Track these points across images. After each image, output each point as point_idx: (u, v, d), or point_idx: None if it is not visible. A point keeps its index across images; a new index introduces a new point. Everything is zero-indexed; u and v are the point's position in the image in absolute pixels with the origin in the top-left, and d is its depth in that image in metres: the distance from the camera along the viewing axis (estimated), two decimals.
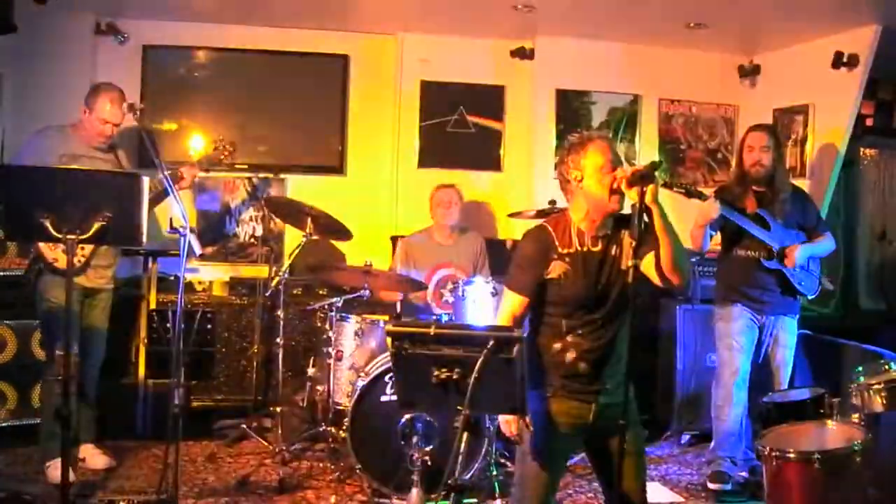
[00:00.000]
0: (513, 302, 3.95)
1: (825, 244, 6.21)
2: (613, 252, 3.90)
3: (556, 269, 3.88)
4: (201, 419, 6.88)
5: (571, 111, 8.24)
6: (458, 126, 8.30)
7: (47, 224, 4.35)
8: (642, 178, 3.67)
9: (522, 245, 4.05)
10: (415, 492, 5.09)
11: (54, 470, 5.60)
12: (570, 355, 3.88)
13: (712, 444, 6.22)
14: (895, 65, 7.33)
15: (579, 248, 3.91)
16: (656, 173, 3.70)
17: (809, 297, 6.17)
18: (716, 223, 6.04)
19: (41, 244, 5.61)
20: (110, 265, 6.06)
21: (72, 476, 5.69)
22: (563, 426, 3.89)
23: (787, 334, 6.13)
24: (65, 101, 6.51)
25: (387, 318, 6.41)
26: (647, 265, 3.83)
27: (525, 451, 3.95)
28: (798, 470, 4.22)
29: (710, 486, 6.03)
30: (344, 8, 7.46)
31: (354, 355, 6.20)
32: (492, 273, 6.73)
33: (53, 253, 5.61)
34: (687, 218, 5.88)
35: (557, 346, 3.90)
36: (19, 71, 7.35)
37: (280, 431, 6.50)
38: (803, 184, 7.15)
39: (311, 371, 6.51)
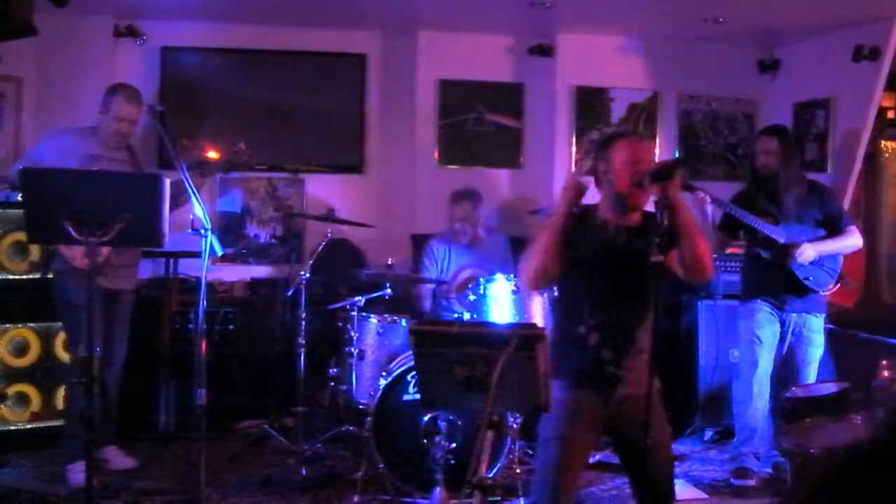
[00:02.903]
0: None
1: (844, 241, 6.06)
2: (638, 244, 3.95)
3: (581, 244, 3.96)
4: (223, 420, 6.89)
5: (591, 108, 8.22)
6: (478, 124, 8.29)
7: (68, 227, 4.37)
8: (664, 175, 3.69)
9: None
10: (438, 490, 5.09)
11: (74, 474, 5.63)
12: (593, 340, 3.92)
13: (735, 440, 6.22)
14: None
15: (603, 235, 3.99)
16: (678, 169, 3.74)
17: (822, 293, 6.11)
18: (725, 224, 6.16)
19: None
20: (131, 266, 6.08)
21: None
22: (582, 416, 3.90)
23: (811, 333, 6.07)
24: (85, 104, 6.52)
25: (408, 316, 6.41)
26: (672, 260, 3.90)
27: (544, 440, 3.97)
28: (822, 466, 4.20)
29: (734, 482, 6.02)
30: (362, 7, 7.47)
31: (376, 354, 6.20)
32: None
33: (72, 251, 5.63)
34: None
35: (581, 330, 3.94)
36: (39, 74, 7.40)
37: (302, 431, 6.51)
38: (821, 179, 7.14)
39: (333, 370, 6.51)
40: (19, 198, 5.85)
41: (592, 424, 3.97)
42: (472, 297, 6.15)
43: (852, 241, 6.10)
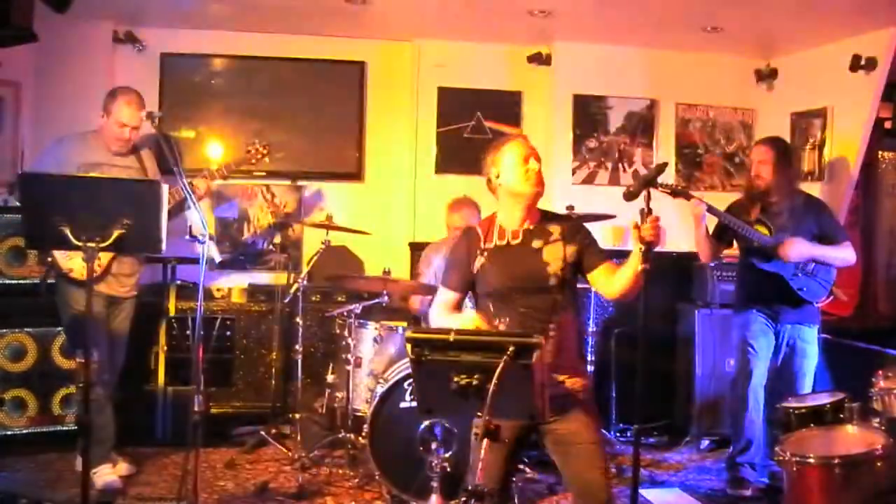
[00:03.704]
0: (446, 297, 4.24)
1: (839, 252, 6.06)
2: (536, 245, 4.06)
3: (477, 263, 4.10)
4: (220, 426, 6.89)
5: (588, 116, 8.23)
6: (476, 132, 8.29)
7: (66, 232, 4.37)
8: (649, 181, 3.75)
9: (453, 247, 4.35)
10: (434, 498, 5.09)
11: (100, 477, 5.65)
12: None
13: (731, 449, 6.22)
14: None
15: (499, 243, 4.11)
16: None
17: (815, 304, 6.11)
18: (719, 233, 6.18)
19: (56, 253, 5.62)
20: (134, 273, 6.04)
21: (119, 482, 5.75)
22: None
23: (805, 344, 6.08)
24: (84, 110, 6.53)
25: (405, 324, 6.41)
26: (598, 274, 4.04)
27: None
28: (818, 475, 4.21)
29: (730, 491, 6.04)
30: (361, 15, 7.46)
31: (373, 362, 6.20)
32: None
33: (69, 263, 5.63)
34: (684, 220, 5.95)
35: None
36: (39, 80, 7.41)
37: (299, 438, 6.51)
38: (818, 188, 7.17)
39: (329, 378, 6.51)
40: (17, 203, 5.87)
41: (516, 429, 3.93)
42: (469, 305, 6.16)
43: (845, 253, 6.09)
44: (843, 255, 6.09)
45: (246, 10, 7.39)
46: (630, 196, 3.97)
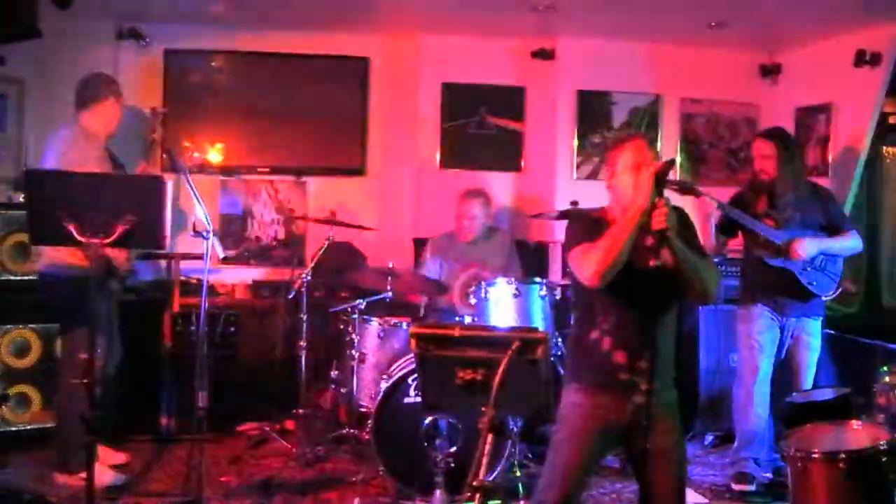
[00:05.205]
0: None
1: (845, 242, 6.05)
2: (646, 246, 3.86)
3: None
4: (225, 422, 6.89)
5: (592, 112, 8.23)
6: (480, 127, 8.30)
7: (71, 228, 4.37)
8: (657, 178, 3.70)
9: (574, 224, 4.10)
10: (439, 493, 5.09)
11: (101, 476, 5.63)
12: (606, 345, 3.88)
13: (735, 444, 6.19)
14: None
15: None
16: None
17: (824, 298, 6.10)
18: (724, 226, 6.18)
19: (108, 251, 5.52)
20: None
21: (122, 478, 5.74)
22: (597, 421, 3.87)
23: (809, 336, 6.06)
24: None
25: (409, 319, 6.41)
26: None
27: (557, 441, 3.95)
28: (823, 470, 4.20)
29: (734, 487, 6.01)
30: (364, 10, 7.46)
31: (377, 357, 6.21)
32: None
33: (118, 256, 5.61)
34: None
35: (594, 335, 3.91)
36: (42, 76, 7.39)
37: (303, 434, 6.51)
38: (823, 184, 7.15)
39: (334, 373, 6.52)
40: (21, 199, 5.86)
41: (606, 431, 3.91)
42: (473, 301, 6.18)
43: (853, 242, 6.08)
44: (851, 243, 6.09)
45: (249, 6, 7.39)
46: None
